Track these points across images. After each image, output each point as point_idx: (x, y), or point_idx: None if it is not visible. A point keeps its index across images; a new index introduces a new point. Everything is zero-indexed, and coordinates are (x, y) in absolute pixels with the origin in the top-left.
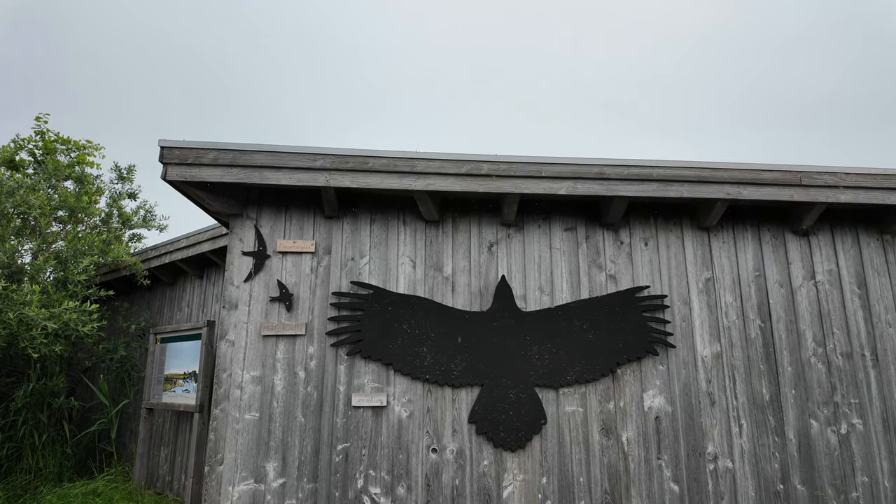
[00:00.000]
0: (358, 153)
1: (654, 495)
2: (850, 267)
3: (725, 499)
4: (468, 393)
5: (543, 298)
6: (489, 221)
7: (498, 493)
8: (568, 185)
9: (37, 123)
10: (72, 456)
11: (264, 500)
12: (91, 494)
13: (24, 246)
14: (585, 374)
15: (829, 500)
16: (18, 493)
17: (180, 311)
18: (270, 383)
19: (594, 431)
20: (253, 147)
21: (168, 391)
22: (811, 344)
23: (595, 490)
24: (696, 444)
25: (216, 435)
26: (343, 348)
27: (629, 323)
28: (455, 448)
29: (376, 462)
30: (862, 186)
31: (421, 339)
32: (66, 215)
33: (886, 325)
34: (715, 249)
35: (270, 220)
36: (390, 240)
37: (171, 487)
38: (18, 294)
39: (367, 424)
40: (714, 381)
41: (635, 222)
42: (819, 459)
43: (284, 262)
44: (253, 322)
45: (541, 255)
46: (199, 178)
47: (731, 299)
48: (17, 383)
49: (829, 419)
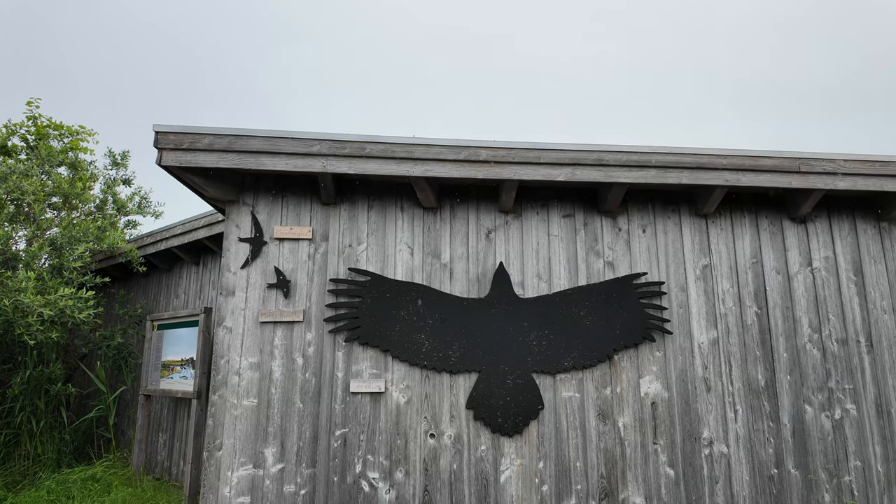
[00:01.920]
0: (355, 139)
1: (649, 480)
2: (847, 254)
3: (720, 483)
4: (466, 379)
5: (541, 285)
6: (487, 208)
7: (495, 478)
8: (566, 172)
9: (28, 108)
10: (70, 442)
11: (263, 485)
12: (90, 480)
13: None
14: (583, 360)
15: (822, 484)
16: (17, 479)
17: (177, 298)
18: (268, 370)
19: (591, 417)
20: (249, 132)
21: (166, 378)
22: (807, 330)
23: (591, 474)
24: (692, 429)
25: (214, 421)
26: (341, 335)
27: (626, 309)
28: (453, 433)
29: (375, 447)
30: (860, 173)
31: (419, 325)
32: (60, 201)
33: (882, 311)
34: (713, 236)
35: (267, 206)
36: (388, 226)
37: (169, 473)
38: (13, 281)
39: (365, 410)
40: (710, 367)
41: (633, 209)
42: (813, 444)
43: (281, 249)
44: (250, 309)
45: (539, 241)
46: (194, 164)
47: (728, 286)
48: (14, 370)
49: (823, 404)
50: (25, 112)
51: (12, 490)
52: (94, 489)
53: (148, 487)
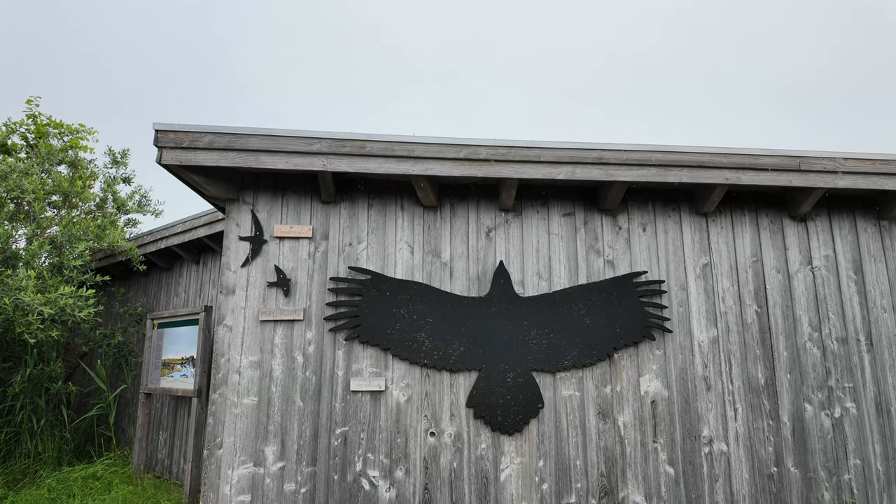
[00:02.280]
0: (355, 137)
1: (649, 478)
2: (847, 252)
3: (720, 481)
4: (466, 377)
5: (541, 284)
6: (487, 207)
7: (495, 476)
8: (567, 170)
9: (28, 107)
10: (70, 440)
11: (264, 483)
12: (91, 478)
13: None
14: (583, 358)
15: (822, 483)
16: (17, 477)
17: (177, 297)
18: (269, 368)
19: (591, 415)
20: (249, 131)
21: (166, 376)
22: (807, 329)
23: (591, 473)
24: (692, 427)
25: (215, 419)
26: (341, 333)
27: (626, 308)
28: (453, 432)
29: (375, 446)
30: (860, 172)
31: (419, 324)
32: (60, 200)
33: (881, 310)
34: (713, 235)
35: (267, 204)
36: (388, 225)
37: (170, 471)
38: (13, 279)
39: (365, 409)
40: (710, 366)
41: (633, 208)
42: (812, 442)
43: (282, 248)
44: (250, 307)
45: (539, 240)
46: (194, 162)
47: (728, 284)
48: (15, 368)
49: (823, 403)
50: (25, 110)
51: (13, 488)
52: (95, 487)
53: (148, 486)
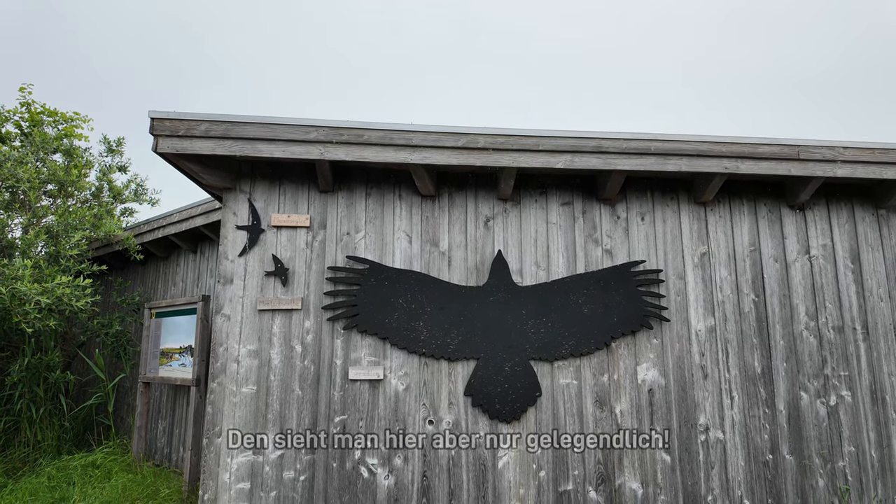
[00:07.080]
0: (353, 125)
1: (646, 465)
2: (845, 241)
3: (716, 468)
4: (464, 366)
5: (539, 273)
6: (486, 196)
7: (493, 464)
8: (565, 159)
9: (21, 94)
10: (70, 429)
11: (263, 471)
12: (90, 466)
13: (13, 220)
14: (580, 347)
15: (817, 470)
16: (17, 466)
17: (174, 286)
18: (267, 357)
19: (588, 403)
20: (245, 119)
21: (164, 365)
22: (804, 318)
23: (588, 460)
24: (689, 415)
25: (214, 408)
26: (339, 322)
27: (624, 297)
28: (451, 420)
29: (374, 434)
30: (859, 161)
31: (417, 313)
32: (55, 189)
33: (878, 299)
34: (711, 224)
35: (264, 193)
36: (386, 214)
37: (169, 459)
38: (10, 269)
39: (364, 397)
40: (707, 355)
41: (632, 197)
42: (808, 430)
43: (279, 237)
44: (248, 296)
45: (537, 229)
46: (190, 151)
47: (725, 273)
48: (13, 358)
49: (818, 391)
50: (18, 98)
51: (13, 476)
52: (95, 475)
53: (148, 474)
